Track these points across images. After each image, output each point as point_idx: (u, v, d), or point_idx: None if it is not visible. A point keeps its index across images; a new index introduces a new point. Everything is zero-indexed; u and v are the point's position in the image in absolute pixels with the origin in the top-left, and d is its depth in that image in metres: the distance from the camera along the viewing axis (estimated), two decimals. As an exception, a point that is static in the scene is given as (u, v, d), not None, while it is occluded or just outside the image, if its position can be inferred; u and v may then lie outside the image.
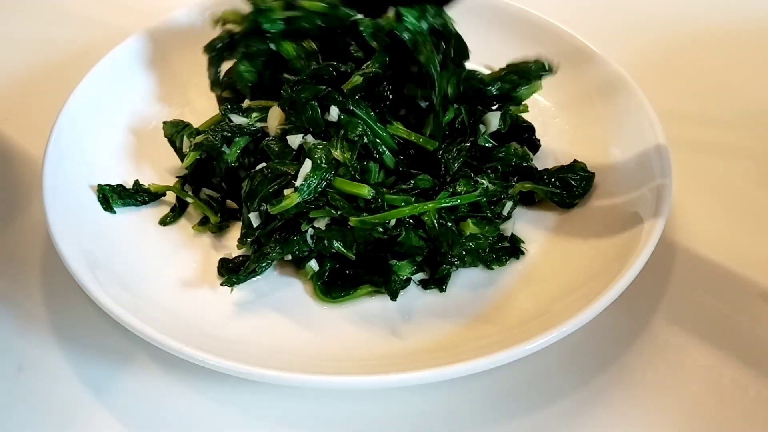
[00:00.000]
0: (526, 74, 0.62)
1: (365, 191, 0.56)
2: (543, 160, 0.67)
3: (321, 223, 0.57)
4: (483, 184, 0.59)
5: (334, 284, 0.58)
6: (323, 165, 0.56)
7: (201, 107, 0.71)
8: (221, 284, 0.56)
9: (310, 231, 0.57)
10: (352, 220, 0.55)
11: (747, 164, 0.71)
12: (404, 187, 0.58)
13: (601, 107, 0.69)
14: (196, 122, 0.67)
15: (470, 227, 0.57)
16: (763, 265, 0.62)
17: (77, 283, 0.52)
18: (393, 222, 0.56)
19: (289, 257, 0.58)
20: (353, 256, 0.57)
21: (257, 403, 0.53)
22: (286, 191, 0.56)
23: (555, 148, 0.69)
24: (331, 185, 0.56)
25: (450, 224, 0.57)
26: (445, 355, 0.52)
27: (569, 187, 0.63)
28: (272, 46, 0.65)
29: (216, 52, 0.68)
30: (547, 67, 0.62)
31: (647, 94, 0.66)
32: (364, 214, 0.56)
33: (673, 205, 0.59)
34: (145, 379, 0.54)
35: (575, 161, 0.65)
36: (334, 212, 0.56)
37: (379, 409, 0.53)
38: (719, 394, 0.54)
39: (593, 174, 0.64)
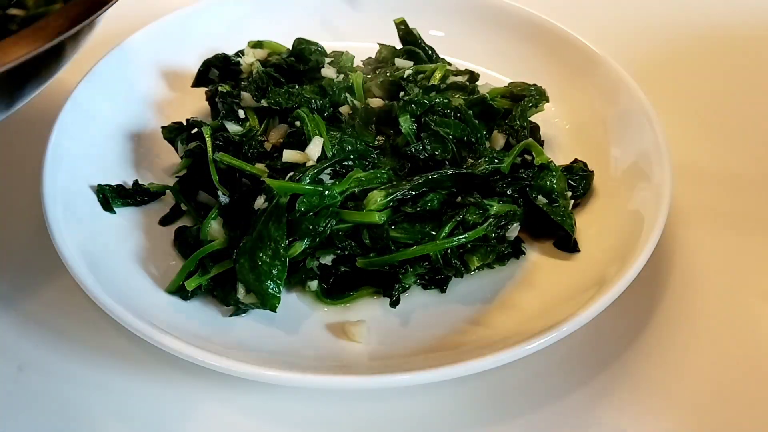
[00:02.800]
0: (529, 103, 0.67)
1: (375, 218, 0.55)
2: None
3: (327, 260, 0.57)
4: (492, 208, 0.57)
5: (335, 286, 0.58)
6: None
7: (200, 107, 0.71)
8: (230, 315, 0.56)
9: (316, 263, 0.57)
10: (359, 262, 0.56)
11: (747, 164, 0.71)
12: (409, 210, 0.57)
13: (601, 107, 0.69)
14: (196, 122, 0.67)
15: (475, 262, 0.57)
16: (763, 265, 0.62)
17: (77, 283, 0.52)
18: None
19: None
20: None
21: (257, 403, 0.53)
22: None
23: (555, 147, 0.69)
24: (340, 220, 0.56)
25: (455, 261, 0.57)
26: (445, 355, 0.52)
27: (569, 187, 0.63)
28: None
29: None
30: (544, 95, 0.67)
31: (647, 95, 0.66)
32: (372, 254, 0.56)
33: (673, 205, 0.59)
34: (145, 379, 0.54)
35: (575, 161, 0.65)
36: (339, 252, 0.56)
37: (379, 409, 0.53)
38: (719, 394, 0.54)
39: (592, 172, 0.64)
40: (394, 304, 0.57)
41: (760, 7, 0.90)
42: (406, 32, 0.72)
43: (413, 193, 0.57)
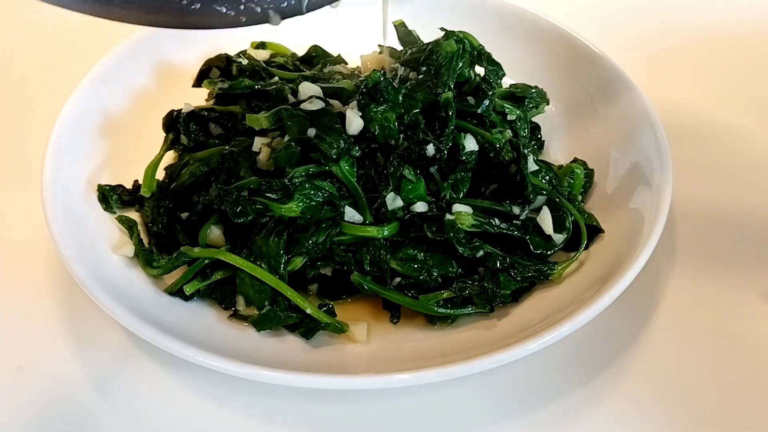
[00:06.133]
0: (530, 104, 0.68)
1: (374, 232, 0.56)
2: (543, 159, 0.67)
3: (327, 271, 0.57)
4: (503, 289, 0.56)
5: (334, 287, 0.58)
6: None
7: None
8: (230, 316, 0.56)
9: (317, 272, 0.57)
10: (354, 278, 0.56)
11: (747, 164, 0.71)
12: (429, 235, 0.56)
13: (601, 107, 0.69)
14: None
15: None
16: (763, 265, 0.62)
17: (77, 283, 0.52)
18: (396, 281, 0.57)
19: None
20: None
21: (257, 403, 0.53)
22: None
23: (555, 147, 0.69)
24: (339, 233, 0.56)
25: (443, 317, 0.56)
26: (445, 356, 0.52)
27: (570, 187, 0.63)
28: None
29: None
30: (545, 97, 0.68)
31: (648, 94, 0.66)
32: (368, 277, 0.56)
33: (673, 205, 0.59)
34: (145, 379, 0.54)
35: (575, 160, 0.65)
36: (338, 267, 0.56)
37: (379, 409, 0.53)
38: (719, 394, 0.54)
39: (592, 170, 0.64)
40: (394, 320, 0.57)
41: (760, 6, 0.90)
42: (405, 34, 0.71)
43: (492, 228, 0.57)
